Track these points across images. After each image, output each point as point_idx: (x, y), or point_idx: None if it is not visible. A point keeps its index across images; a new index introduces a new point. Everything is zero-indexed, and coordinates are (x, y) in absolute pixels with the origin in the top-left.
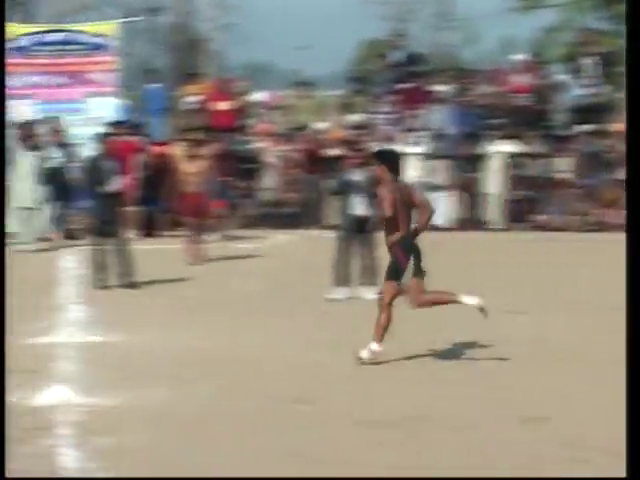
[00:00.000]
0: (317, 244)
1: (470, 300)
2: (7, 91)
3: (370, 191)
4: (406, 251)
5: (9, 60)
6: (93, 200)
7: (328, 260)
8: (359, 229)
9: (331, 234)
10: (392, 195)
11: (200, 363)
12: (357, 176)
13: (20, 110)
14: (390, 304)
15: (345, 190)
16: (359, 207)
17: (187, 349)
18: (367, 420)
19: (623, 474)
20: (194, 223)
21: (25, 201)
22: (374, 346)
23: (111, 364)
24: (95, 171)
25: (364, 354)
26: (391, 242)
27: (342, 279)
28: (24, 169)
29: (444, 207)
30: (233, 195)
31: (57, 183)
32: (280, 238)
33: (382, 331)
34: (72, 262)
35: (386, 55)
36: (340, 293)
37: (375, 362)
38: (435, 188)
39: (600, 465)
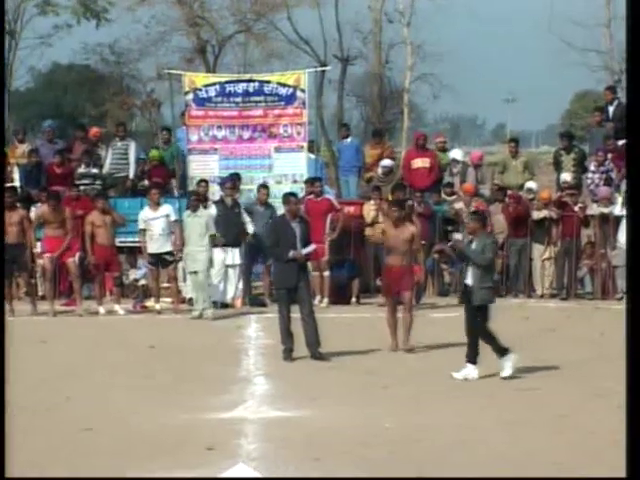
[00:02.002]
0: (516, 314)
1: None
2: (189, 146)
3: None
4: None
5: (192, 112)
6: (280, 264)
7: (531, 332)
8: (467, 299)
9: (536, 303)
10: None
11: (388, 444)
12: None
13: (204, 166)
14: None
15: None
16: (468, 276)
17: (374, 427)
18: None
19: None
20: (395, 296)
21: (194, 265)
22: None
23: (295, 442)
24: (282, 233)
25: None
26: None
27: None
28: (195, 230)
29: None
30: (430, 260)
31: (244, 246)
32: None
33: None
34: (258, 331)
35: (600, 109)
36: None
37: None
38: None
39: None
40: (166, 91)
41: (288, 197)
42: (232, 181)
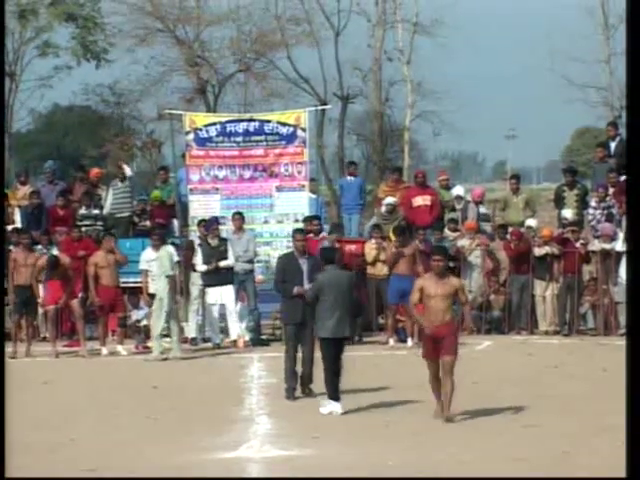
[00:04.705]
0: (519, 351)
1: None
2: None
3: None
4: None
5: (193, 152)
6: (286, 301)
7: (534, 369)
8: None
9: (538, 339)
10: None
11: None
12: None
13: (206, 206)
14: None
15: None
16: None
17: (377, 465)
18: None
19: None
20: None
21: (158, 301)
22: None
23: None
24: (288, 270)
25: None
26: None
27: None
28: (165, 264)
29: None
30: None
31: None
32: (484, 345)
33: None
34: (260, 370)
35: (602, 145)
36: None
37: None
38: None
39: None
40: (167, 131)
41: (294, 234)
42: (217, 223)
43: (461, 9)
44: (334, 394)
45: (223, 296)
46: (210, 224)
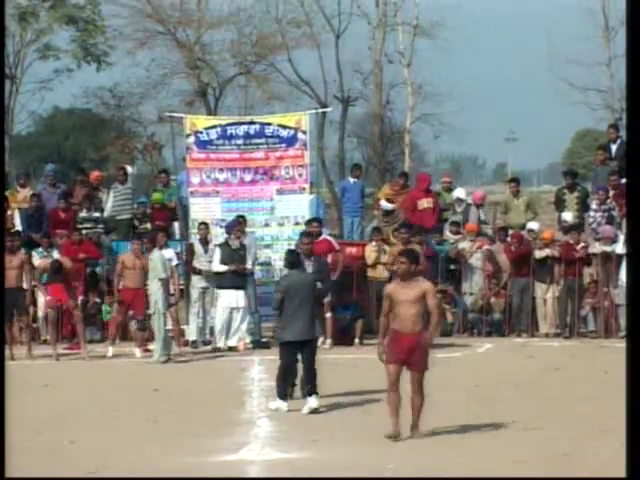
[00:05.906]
0: (520, 354)
1: None
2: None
3: None
4: None
5: (194, 155)
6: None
7: (535, 371)
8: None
9: (539, 342)
10: None
11: None
12: None
13: (206, 208)
14: None
15: None
16: None
17: (377, 468)
18: None
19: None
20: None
21: (153, 304)
22: None
23: None
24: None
25: None
26: None
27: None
28: (157, 267)
29: None
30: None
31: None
32: (484, 347)
33: None
34: (261, 373)
35: (603, 147)
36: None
37: None
38: None
39: None
40: (167, 134)
41: (301, 237)
42: (240, 224)
43: (461, 11)
44: (312, 390)
45: (233, 299)
46: (232, 226)
